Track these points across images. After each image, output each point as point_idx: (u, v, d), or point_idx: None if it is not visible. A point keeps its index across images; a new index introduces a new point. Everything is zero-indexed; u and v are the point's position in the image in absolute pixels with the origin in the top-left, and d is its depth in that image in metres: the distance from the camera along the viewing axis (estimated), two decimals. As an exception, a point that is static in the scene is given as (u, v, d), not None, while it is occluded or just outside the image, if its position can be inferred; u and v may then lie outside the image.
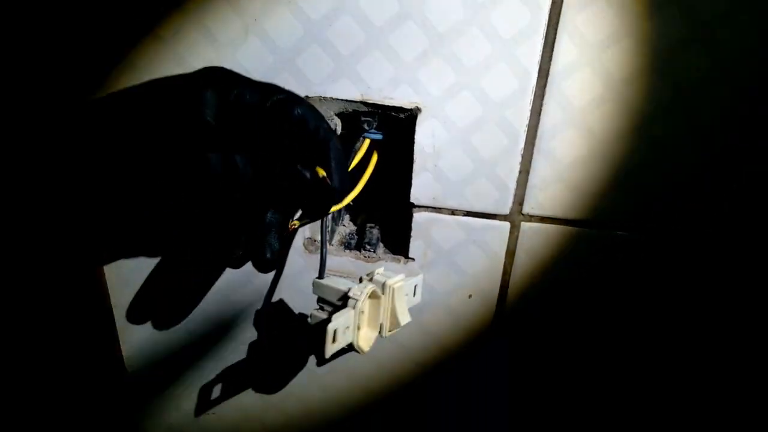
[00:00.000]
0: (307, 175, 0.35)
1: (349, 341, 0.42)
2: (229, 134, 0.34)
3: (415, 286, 0.49)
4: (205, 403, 0.60)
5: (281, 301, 0.53)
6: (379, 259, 0.51)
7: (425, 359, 0.55)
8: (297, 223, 0.42)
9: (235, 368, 0.57)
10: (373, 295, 0.43)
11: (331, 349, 0.40)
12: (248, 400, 0.59)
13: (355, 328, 0.42)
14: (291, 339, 0.55)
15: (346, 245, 0.53)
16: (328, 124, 0.37)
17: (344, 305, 0.42)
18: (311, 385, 0.58)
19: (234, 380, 0.58)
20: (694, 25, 0.40)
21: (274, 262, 0.38)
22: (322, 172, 0.36)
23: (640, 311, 0.51)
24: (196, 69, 0.34)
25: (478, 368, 0.55)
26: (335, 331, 0.39)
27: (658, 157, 0.44)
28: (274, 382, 0.58)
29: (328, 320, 0.40)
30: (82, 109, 0.34)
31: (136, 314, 0.54)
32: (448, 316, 0.53)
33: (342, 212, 0.56)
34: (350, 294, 0.42)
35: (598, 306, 0.51)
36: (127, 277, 0.53)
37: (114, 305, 0.54)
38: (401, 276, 0.45)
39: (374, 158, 0.47)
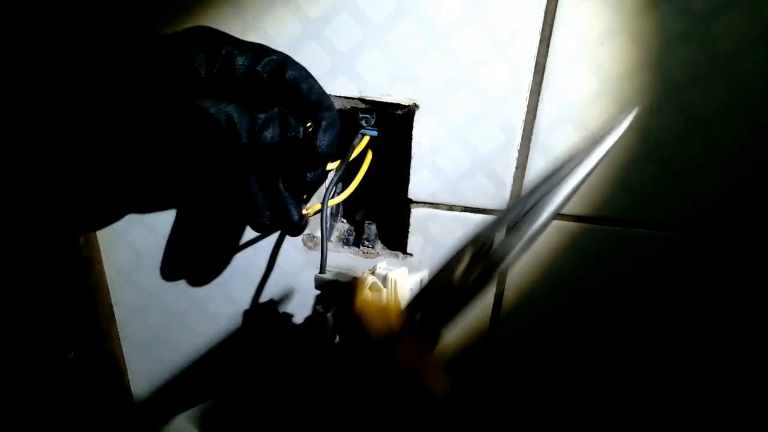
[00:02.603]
0: (299, 133, 0.35)
1: None
2: (220, 92, 0.33)
3: (421, 280, 0.49)
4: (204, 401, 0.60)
5: (276, 300, 0.54)
6: (378, 254, 0.51)
7: (424, 354, 0.56)
8: (310, 211, 0.43)
9: (235, 365, 0.58)
10: (373, 287, 0.43)
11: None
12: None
13: None
14: (290, 336, 0.55)
15: (345, 241, 0.54)
16: (320, 86, 0.37)
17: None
18: (311, 380, 0.59)
19: (230, 376, 0.59)
20: (689, 20, 0.41)
21: (300, 225, 0.39)
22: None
23: (638, 307, 0.51)
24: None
25: (476, 364, 0.56)
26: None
27: (654, 153, 0.45)
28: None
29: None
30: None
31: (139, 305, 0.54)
32: (447, 311, 0.53)
33: (340, 208, 0.56)
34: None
35: (595, 301, 0.51)
36: (126, 274, 0.53)
37: (114, 302, 0.55)
38: (404, 269, 0.46)
39: (369, 156, 0.47)
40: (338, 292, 0.42)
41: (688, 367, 0.55)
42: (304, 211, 0.42)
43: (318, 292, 0.47)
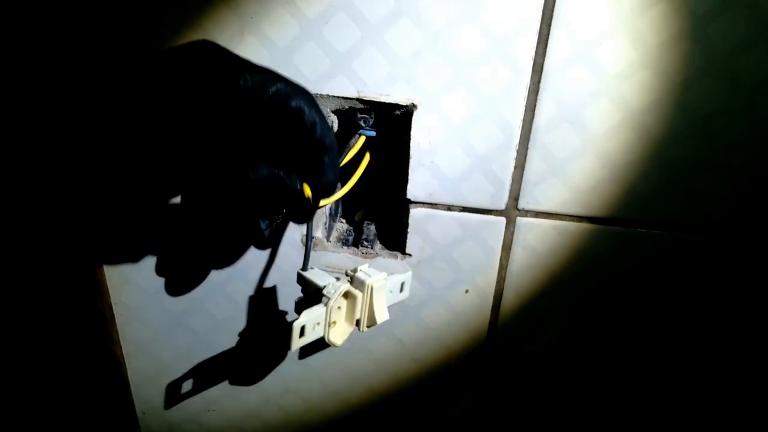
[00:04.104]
0: (296, 186, 0.34)
1: (319, 336, 0.43)
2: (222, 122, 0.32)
3: (402, 283, 0.50)
4: (204, 400, 0.60)
5: (274, 295, 0.54)
6: (377, 255, 0.51)
7: (423, 355, 0.56)
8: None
9: (233, 363, 0.58)
10: (348, 295, 0.44)
11: (297, 343, 0.41)
12: (247, 395, 0.60)
13: (326, 325, 0.43)
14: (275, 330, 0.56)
15: (344, 242, 0.54)
16: (326, 121, 0.36)
17: (319, 300, 0.44)
18: (310, 380, 0.58)
19: (233, 376, 0.59)
20: (687, 19, 0.40)
21: (267, 241, 0.37)
22: (308, 191, 0.36)
23: (639, 306, 0.51)
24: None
25: (475, 363, 0.56)
26: (303, 327, 0.41)
27: (652, 152, 0.45)
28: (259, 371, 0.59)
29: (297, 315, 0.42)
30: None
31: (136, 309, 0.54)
32: (445, 311, 0.53)
33: (339, 209, 0.56)
34: (324, 292, 0.43)
35: (594, 299, 0.51)
36: (126, 274, 0.53)
37: (114, 303, 0.55)
38: (383, 275, 0.46)
39: (366, 157, 0.47)
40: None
41: (688, 367, 0.54)
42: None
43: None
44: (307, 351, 0.57)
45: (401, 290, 0.49)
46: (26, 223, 0.52)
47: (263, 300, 0.54)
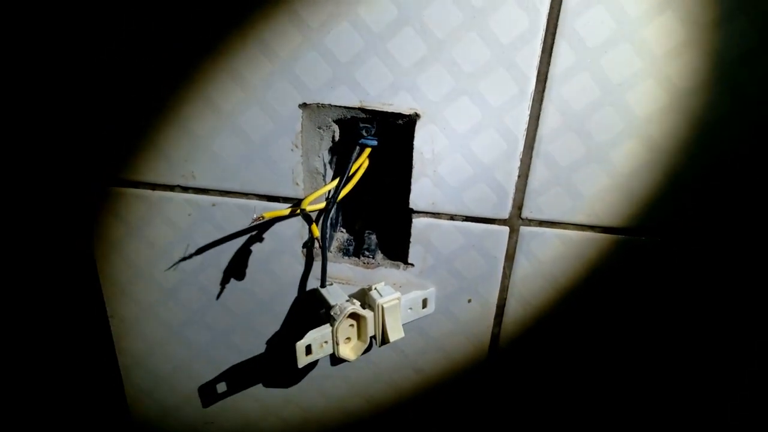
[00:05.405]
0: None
1: (328, 353, 0.45)
2: None
3: (425, 299, 0.50)
4: (203, 413, 0.59)
5: (273, 306, 0.53)
6: (378, 265, 0.51)
7: (425, 365, 0.55)
8: (265, 216, 0.43)
9: (232, 375, 0.57)
10: (354, 316, 0.45)
11: (304, 360, 0.44)
12: (246, 407, 0.59)
13: (334, 343, 0.45)
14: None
15: (345, 252, 0.53)
16: None
17: (326, 320, 0.46)
18: (311, 391, 0.58)
19: (232, 387, 0.58)
20: (691, 28, 0.40)
21: None
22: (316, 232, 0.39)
23: (640, 314, 0.51)
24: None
25: (478, 373, 0.56)
26: (308, 347, 0.44)
27: (656, 160, 0.45)
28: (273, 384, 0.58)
29: (301, 336, 0.44)
30: None
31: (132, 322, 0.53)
32: (448, 320, 0.53)
33: (339, 218, 0.56)
34: (331, 312, 0.45)
35: (598, 309, 0.51)
36: (123, 287, 0.52)
37: (110, 315, 0.54)
38: (395, 295, 0.46)
39: (365, 163, 0.47)
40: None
41: (689, 367, 0.54)
42: (255, 215, 0.43)
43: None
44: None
45: (424, 306, 0.50)
46: (26, 227, 0.51)
47: (262, 312, 0.53)
